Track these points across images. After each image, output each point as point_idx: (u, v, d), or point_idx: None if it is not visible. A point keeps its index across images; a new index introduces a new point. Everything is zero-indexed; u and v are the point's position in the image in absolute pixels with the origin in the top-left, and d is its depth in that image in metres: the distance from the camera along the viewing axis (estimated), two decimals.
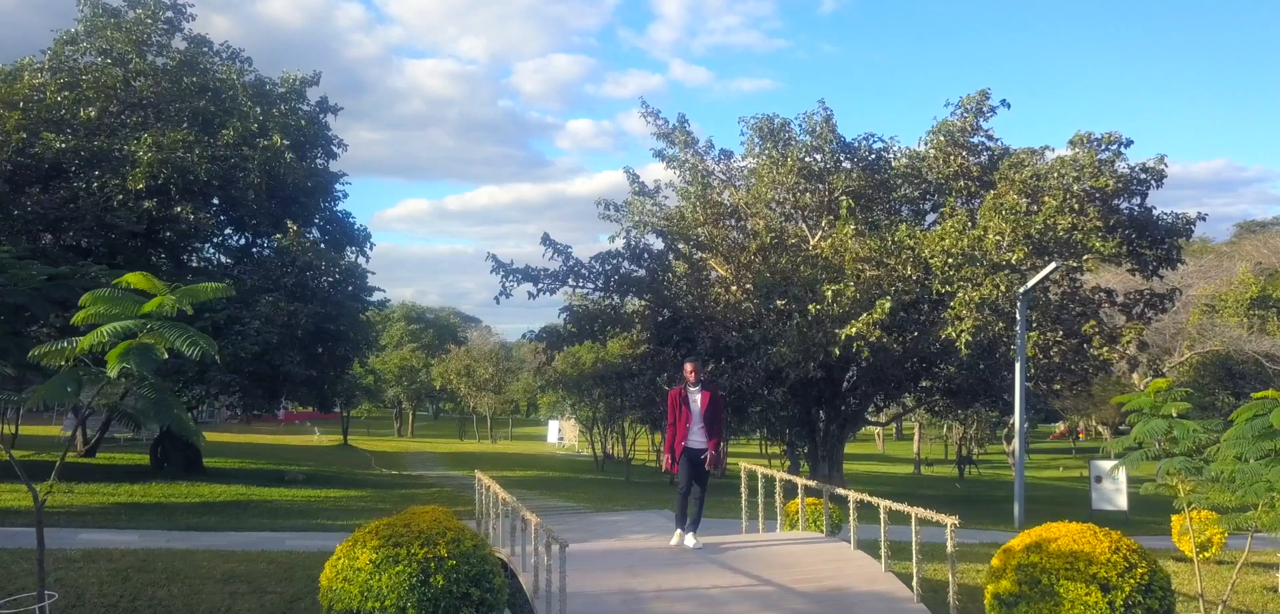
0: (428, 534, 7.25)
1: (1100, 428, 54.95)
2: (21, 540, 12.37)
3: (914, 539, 9.20)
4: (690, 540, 10.40)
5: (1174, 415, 9.98)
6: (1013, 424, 48.66)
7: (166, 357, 6.83)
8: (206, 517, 16.31)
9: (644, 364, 27.46)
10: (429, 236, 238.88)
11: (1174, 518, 14.58)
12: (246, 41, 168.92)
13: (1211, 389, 44.51)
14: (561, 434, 56.32)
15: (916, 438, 55.90)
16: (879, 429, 67.95)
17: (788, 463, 31.39)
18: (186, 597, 9.99)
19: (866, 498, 10.21)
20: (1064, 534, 8.38)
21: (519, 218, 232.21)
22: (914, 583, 9.23)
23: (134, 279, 6.23)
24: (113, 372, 6.24)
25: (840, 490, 10.97)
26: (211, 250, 23.67)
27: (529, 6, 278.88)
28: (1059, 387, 24.22)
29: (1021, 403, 19.67)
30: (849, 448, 68.30)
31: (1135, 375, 40.48)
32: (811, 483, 11.73)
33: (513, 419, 76.53)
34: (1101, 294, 24.76)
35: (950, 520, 8.75)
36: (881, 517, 9.65)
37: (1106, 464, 24.39)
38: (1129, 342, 22.32)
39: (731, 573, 9.65)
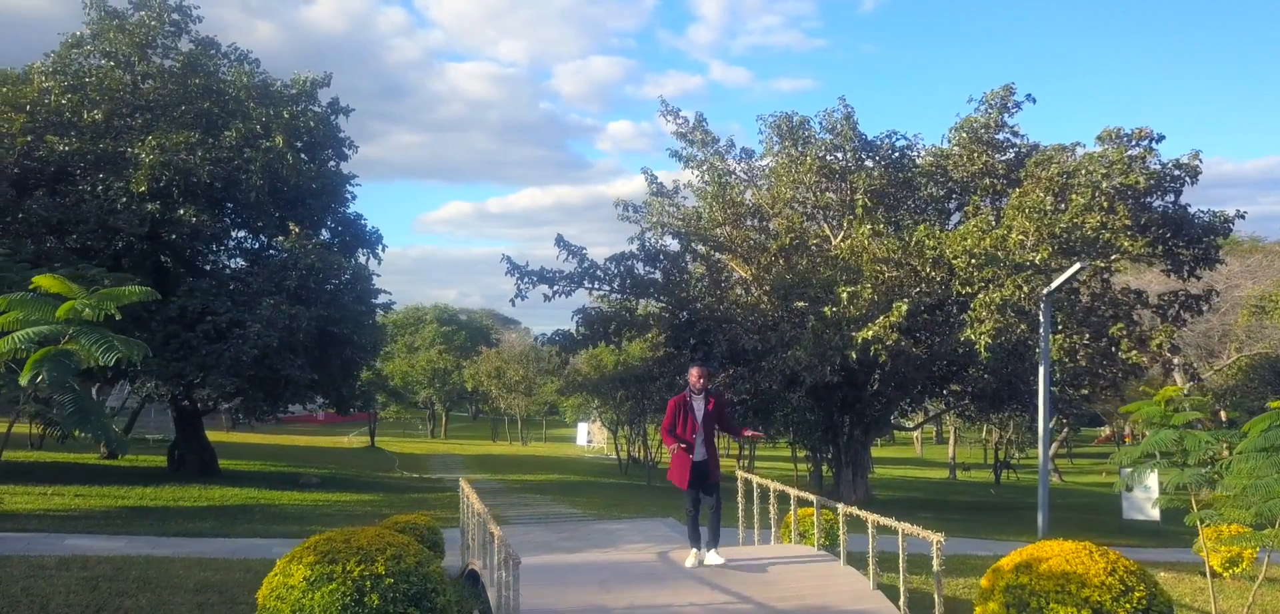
0: (366, 550, 6.90)
1: (1147, 432, 53.38)
2: (11, 545, 12.22)
3: (901, 556, 8.72)
4: (712, 556, 9.90)
5: (1183, 425, 9.41)
6: (1049, 428, 47.68)
7: (98, 363, 6.54)
8: (205, 521, 16.15)
9: (663, 366, 27.05)
10: (470, 239, 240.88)
11: (1203, 530, 13.88)
12: (290, 48, 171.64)
13: (1260, 392, 42.96)
14: (590, 437, 56.04)
15: (951, 442, 54.76)
16: (917, 433, 66.86)
17: (811, 467, 30.83)
18: (154, 606, 9.73)
19: (855, 512, 9.74)
20: (1056, 554, 7.83)
21: (559, 219, 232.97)
22: (901, 602, 8.76)
23: (45, 282, 5.94)
24: (24, 381, 5.95)
25: (836, 504, 10.46)
26: (223, 254, 23.63)
27: (567, 8, 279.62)
28: (1087, 391, 23.37)
29: (1046, 408, 18.95)
30: (886, 452, 67.49)
31: (1179, 377, 39.20)
32: (807, 495, 11.21)
33: (547, 421, 76.43)
34: (1132, 295, 23.87)
35: (936, 538, 8.26)
36: (869, 531, 9.19)
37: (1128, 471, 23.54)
38: (1159, 344, 21.46)
39: (710, 589, 9.21)
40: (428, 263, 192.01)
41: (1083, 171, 21.72)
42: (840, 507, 10.08)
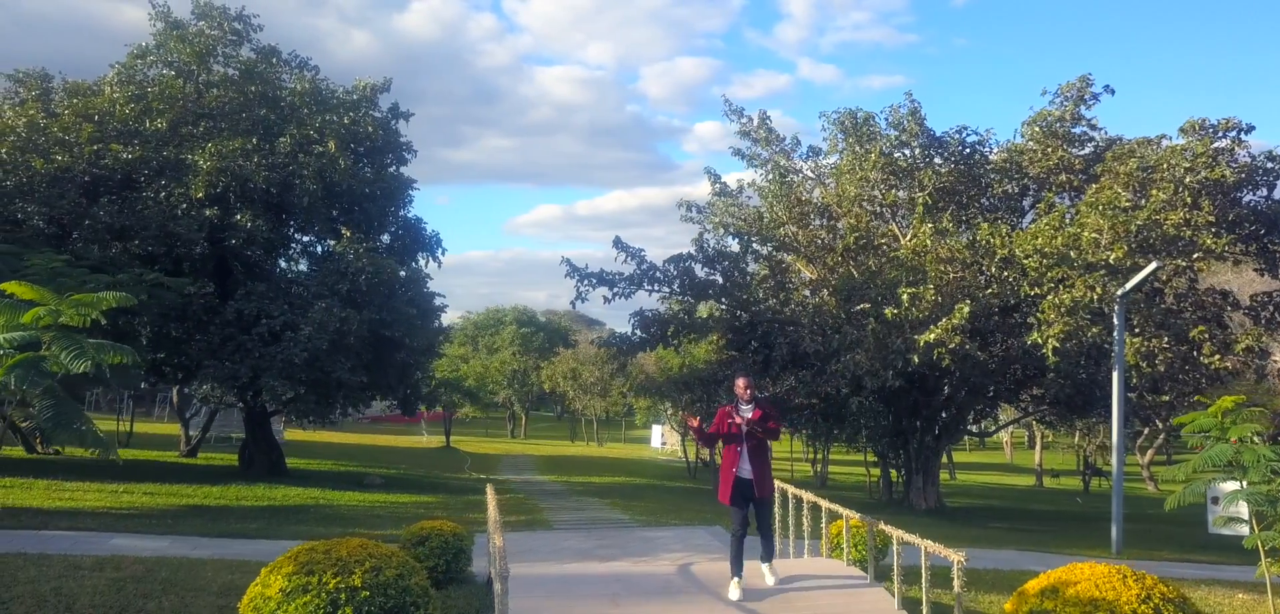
0: (345, 562, 6.74)
1: (1254, 439, 50.46)
2: (59, 544, 12.50)
3: (924, 574, 8.24)
4: (769, 578, 9.38)
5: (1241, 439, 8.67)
6: (1145, 433, 45.42)
7: (70, 370, 6.53)
8: (255, 521, 16.36)
9: (728, 369, 26.64)
10: (559, 241, 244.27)
11: None
12: (385, 56, 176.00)
13: None
14: (664, 439, 55.73)
15: (1038, 448, 52.78)
16: (1008, 437, 64.66)
17: (881, 473, 30.00)
18: (176, 609, 9.78)
19: (882, 527, 9.26)
20: (1086, 577, 7.23)
21: (646, 221, 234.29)
22: None
23: (15, 288, 5.93)
24: None
25: (871, 519, 9.97)
26: (286, 258, 24.11)
27: (654, 10, 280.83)
28: (1168, 397, 22.07)
29: (1119, 415, 17.92)
30: (973, 457, 65.36)
31: None
32: (839, 508, 10.72)
33: (625, 422, 76.42)
34: (1219, 296, 22.51)
35: (957, 557, 7.75)
36: (894, 548, 8.72)
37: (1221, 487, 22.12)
38: (1245, 348, 20.15)
39: (723, 606, 8.84)
40: (518, 265, 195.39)
41: (1164, 166, 20.59)
42: (872, 522, 9.61)
